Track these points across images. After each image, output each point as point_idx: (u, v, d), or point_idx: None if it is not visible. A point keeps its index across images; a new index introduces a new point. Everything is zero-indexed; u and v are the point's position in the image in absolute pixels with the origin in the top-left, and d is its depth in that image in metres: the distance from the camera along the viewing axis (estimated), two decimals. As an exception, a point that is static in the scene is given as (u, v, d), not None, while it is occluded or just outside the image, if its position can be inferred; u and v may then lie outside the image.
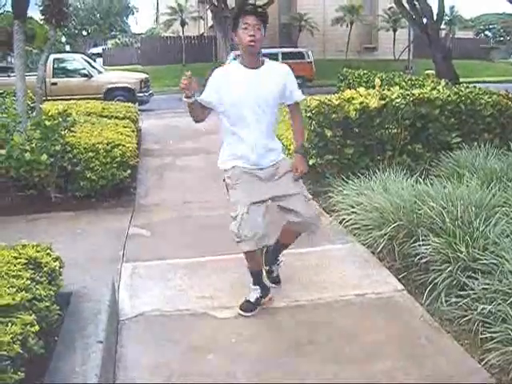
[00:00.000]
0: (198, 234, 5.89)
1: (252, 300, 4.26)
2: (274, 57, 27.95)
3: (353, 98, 6.86)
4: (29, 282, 3.09)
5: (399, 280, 4.63)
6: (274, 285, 4.59)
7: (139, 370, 3.52)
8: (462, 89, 7.84)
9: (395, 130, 6.89)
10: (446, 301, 4.01)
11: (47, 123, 6.91)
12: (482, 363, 3.43)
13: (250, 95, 3.99)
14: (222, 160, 4.21)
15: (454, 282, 4.06)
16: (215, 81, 4.04)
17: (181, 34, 42.31)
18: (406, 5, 17.44)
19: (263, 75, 4.03)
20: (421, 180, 5.56)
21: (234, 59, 26.47)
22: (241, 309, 4.23)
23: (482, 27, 56.56)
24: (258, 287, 4.30)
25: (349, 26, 38.85)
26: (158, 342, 3.85)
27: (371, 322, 4.03)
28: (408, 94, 7.10)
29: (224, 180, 4.20)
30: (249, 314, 4.20)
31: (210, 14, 36.95)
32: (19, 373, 2.48)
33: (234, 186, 4.08)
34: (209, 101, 4.02)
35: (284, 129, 8.81)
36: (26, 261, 3.36)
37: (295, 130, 4.58)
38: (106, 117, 10.69)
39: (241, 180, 4.06)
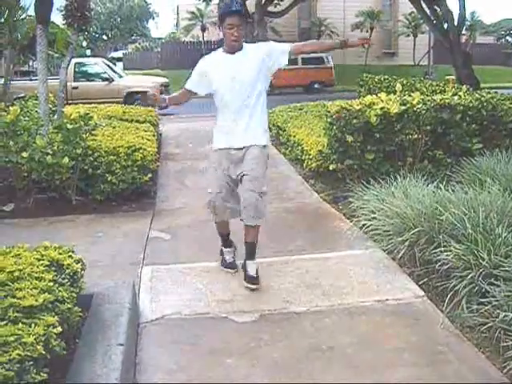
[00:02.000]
0: (217, 238, 5.88)
1: (230, 260, 5.02)
2: (293, 61, 28.02)
3: (374, 104, 6.83)
4: (51, 283, 3.11)
5: (420, 286, 4.60)
6: (248, 284, 4.64)
7: (159, 373, 3.53)
8: (484, 94, 7.78)
9: (416, 136, 6.85)
10: (467, 308, 3.97)
11: (69, 126, 6.97)
12: (504, 371, 3.40)
13: (229, 77, 4.51)
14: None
15: (476, 289, 4.02)
16: (199, 69, 4.75)
17: (201, 38, 42.49)
18: (427, 10, 17.36)
19: (241, 58, 4.54)
20: (442, 186, 5.51)
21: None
22: (223, 266, 5.03)
23: (502, 32, 55.95)
24: (230, 249, 5.06)
25: (369, 31, 38.78)
26: (177, 345, 3.86)
27: (391, 328, 4.01)
28: (429, 100, 7.05)
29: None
30: (232, 271, 4.95)
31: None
32: (42, 373, 2.50)
33: (212, 167, 4.73)
34: (193, 89, 4.78)
35: (304, 133, 8.83)
36: (49, 262, 3.39)
37: (314, 45, 5.32)
38: (126, 120, 10.78)
39: (217, 163, 4.66)
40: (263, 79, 4.60)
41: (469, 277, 4.07)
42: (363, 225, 5.59)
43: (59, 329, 2.78)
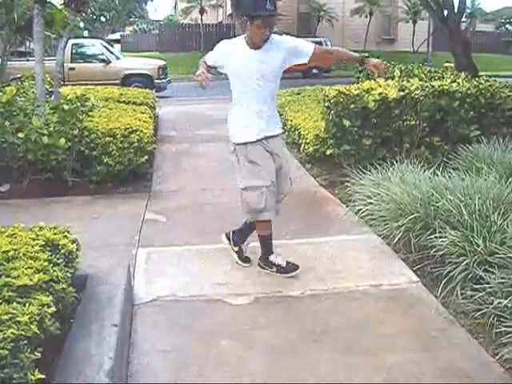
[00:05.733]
0: (213, 221, 5.89)
1: (284, 264, 4.62)
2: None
3: (372, 89, 6.80)
4: (46, 263, 3.11)
5: (414, 272, 4.61)
6: (247, 264, 4.79)
7: (153, 354, 3.54)
8: (482, 82, 7.75)
9: (413, 122, 6.83)
10: (462, 294, 3.99)
11: (65, 107, 6.93)
12: (496, 357, 3.41)
13: (250, 70, 4.33)
14: (233, 132, 4.51)
15: (470, 276, 4.04)
16: (219, 49, 4.55)
17: (199, 21, 42.23)
18: (427, -4, 17.25)
19: (264, 53, 4.36)
20: (438, 172, 5.52)
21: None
22: (287, 272, 4.59)
23: (502, 21, 55.70)
24: (276, 253, 4.69)
25: (368, 16, 38.61)
26: (171, 327, 3.87)
27: (386, 313, 4.02)
28: (427, 86, 7.03)
29: (234, 150, 4.49)
30: (293, 274, 4.57)
31: (229, 2, 36.85)
32: (36, 353, 2.50)
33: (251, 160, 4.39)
34: (212, 64, 4.52)
35: (301, 118, 8.81)
36: (44, 242, 3.38)
37: (339, 55, 4.96)
38: (123, 102, 10.73)
39: (257, 155, 4.38)
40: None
41: (464, 263, 4.09)
42: (359, 210, 5.59)
43: (53, 308, 2.78)
